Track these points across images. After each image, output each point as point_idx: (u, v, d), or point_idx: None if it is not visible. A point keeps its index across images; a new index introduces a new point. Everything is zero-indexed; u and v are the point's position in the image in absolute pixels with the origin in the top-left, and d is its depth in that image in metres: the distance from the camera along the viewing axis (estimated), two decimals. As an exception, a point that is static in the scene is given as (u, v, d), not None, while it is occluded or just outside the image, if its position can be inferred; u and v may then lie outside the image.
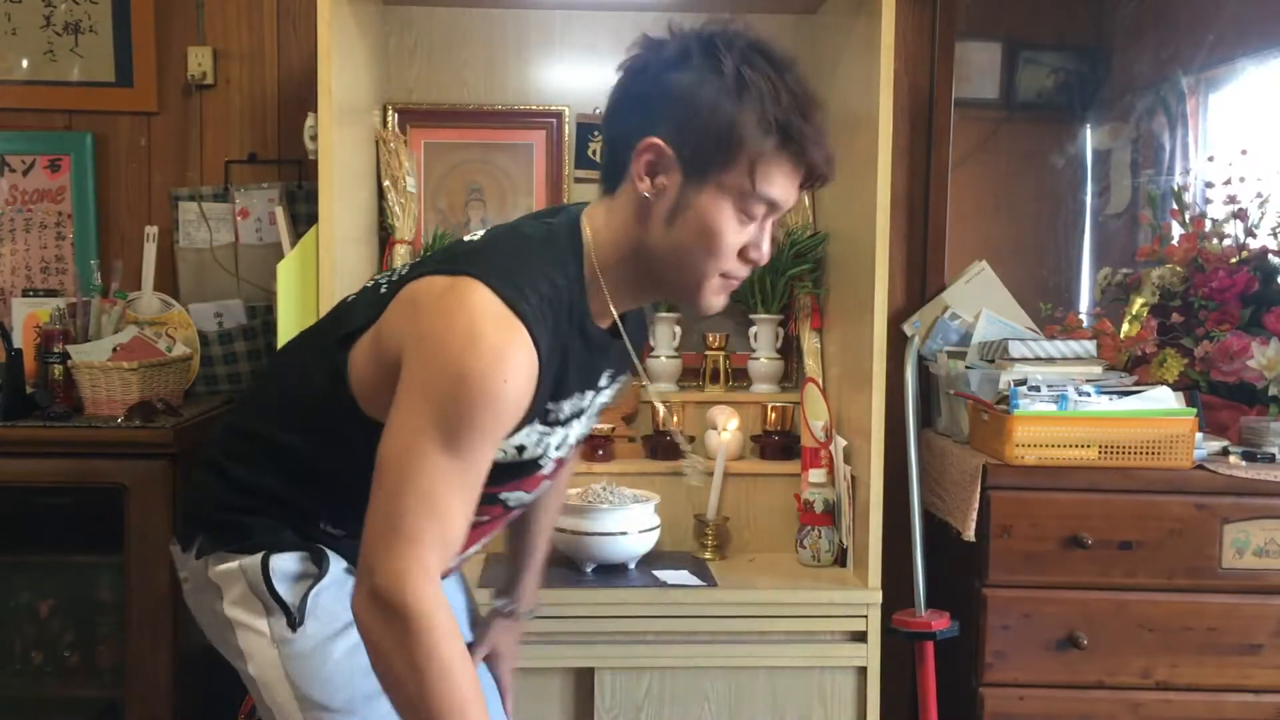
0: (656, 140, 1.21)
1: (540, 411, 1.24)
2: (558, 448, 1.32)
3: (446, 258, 1.25)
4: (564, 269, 1.23)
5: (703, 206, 1.21)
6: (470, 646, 1.51)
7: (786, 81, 1.22)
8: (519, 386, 1.15)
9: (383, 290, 1.27)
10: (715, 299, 1.29)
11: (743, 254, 1.26)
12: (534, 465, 1.31)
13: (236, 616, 1.32)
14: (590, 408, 1.37)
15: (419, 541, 1.12)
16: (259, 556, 1.30)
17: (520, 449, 1.27)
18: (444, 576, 1.20)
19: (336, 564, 1.32)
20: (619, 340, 1.33)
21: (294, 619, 1.28)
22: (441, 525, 1.14)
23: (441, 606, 1.13)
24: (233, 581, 1.32)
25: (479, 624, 1.59)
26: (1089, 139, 2.54)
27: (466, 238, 1.32)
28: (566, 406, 1.28)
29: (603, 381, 1.37)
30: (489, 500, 1.31)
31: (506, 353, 1.13)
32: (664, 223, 1.23)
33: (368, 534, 1.14)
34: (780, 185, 1.22)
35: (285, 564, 1.30)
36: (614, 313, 1.28)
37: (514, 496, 1.38)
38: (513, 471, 1.29)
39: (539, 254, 1.23)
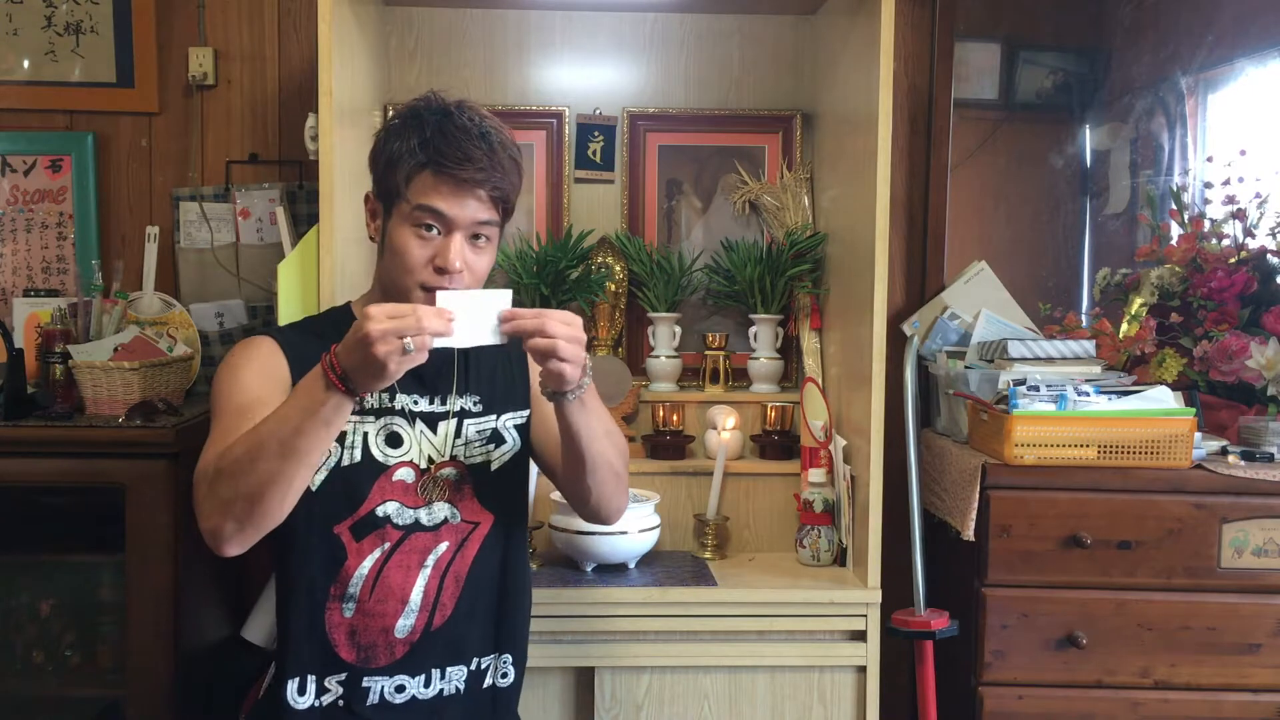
0: (369, 192, 1.53)
1: None
2: (389, 442, 1.52)
3: None
4: (322, 313, 1.63)
5: (391, 232, 1.48)
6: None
7: (439, 117, 1.46)
8: (249, 355, 1.48)
9: None
10: None
11: (434, 266, 1.45)
12: (374, 464, 1.51)
13: None
14: (438, 421, 1.55)
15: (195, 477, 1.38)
16: None
17: (340, 437, 1.47)
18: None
19: None
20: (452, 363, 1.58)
21: None
22: (205, 458, 1.38)
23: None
24: None
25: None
26: (1088, 139, 2.54)
27: None
28: (369, 398, 1.49)
29: (449, 400, 1.56)
30: (368, 524, 1.49)
31: (234, 348, 1.51)
32: (381, 256, 1.52)
33: None
34: (438, 196, 1.44)
35: None
36: None
37: (391, 508, 1.51)
38: (355, 475, 1.48)
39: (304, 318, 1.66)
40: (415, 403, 1.54)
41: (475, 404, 1.59)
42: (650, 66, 2.47)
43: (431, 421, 1.55)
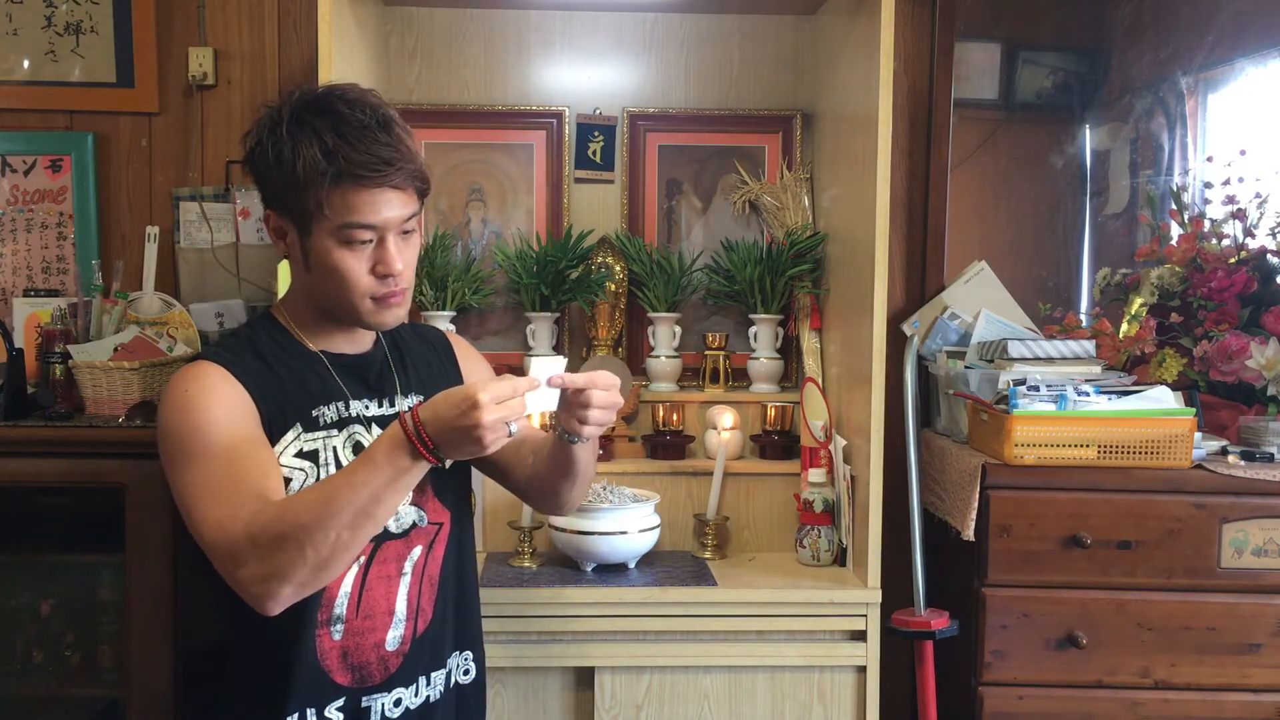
0: (270, 211, 1.44)
1: (292, 415, 1.43)
2: (355, 452, 1.45)
3: None
4: (250, 326, 1.51)
5: (316, 252, 1.41)
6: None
7: (330, 119, 1.37)
8: (204, 387, 1.38)
9: None
10: (381, 316, 1.45)
11: (376, 273, 1.41)
12: None
13: None
14: (390, 423, 1.48)
15: (212, 527, 1.33)
16: None
17: (313, 455, 1.43)
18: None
19: None
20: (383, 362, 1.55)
21: None
22: (222, 506, 1.32)
23: (247, 520, 1.30)
24: None
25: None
26: (1088, 139, 2.54)
27: None
28: (328, 412, 1.46)
29: (397, 401, 1.53)
30: None
31: (183, 378, 1.40)
32: (305, 270, 1.44)
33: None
34: (361, 210, 1.38)
35: None
36: (318, 343, 1.49)
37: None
38: None
39: (231, 334, 1.55)
40: (366, 407, 1.50)
41: (420, 402, 1.54)
42: (650, 66, 2.47)
43: (384, 424, 1.50)
